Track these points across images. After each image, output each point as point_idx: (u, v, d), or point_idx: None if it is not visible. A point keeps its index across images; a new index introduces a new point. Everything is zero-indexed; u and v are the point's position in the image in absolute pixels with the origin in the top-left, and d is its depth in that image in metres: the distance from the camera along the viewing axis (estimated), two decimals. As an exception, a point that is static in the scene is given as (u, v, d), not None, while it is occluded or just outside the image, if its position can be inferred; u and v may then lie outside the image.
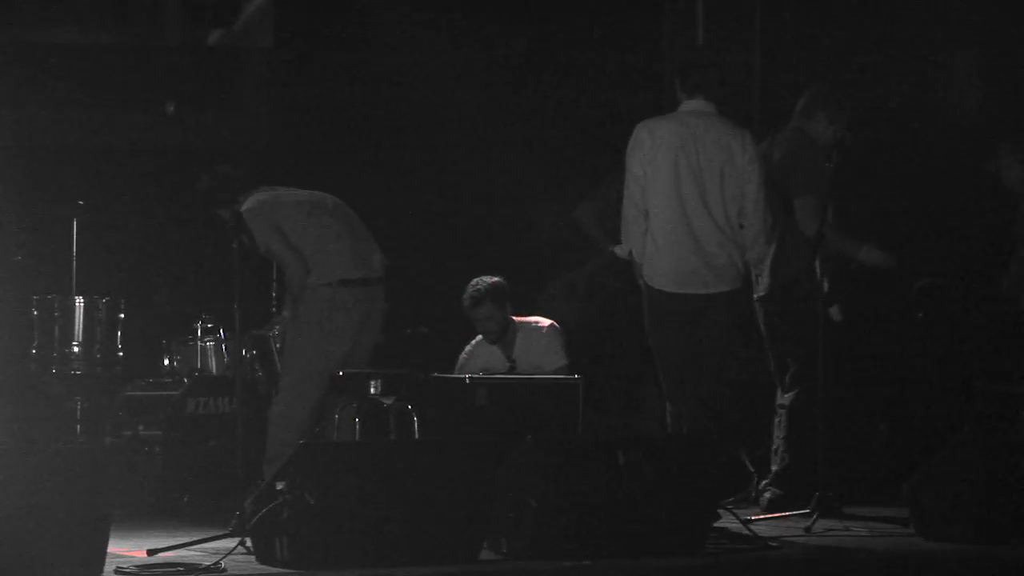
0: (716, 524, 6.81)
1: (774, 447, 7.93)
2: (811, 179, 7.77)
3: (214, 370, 8.76)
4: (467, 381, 8.26)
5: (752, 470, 8.21)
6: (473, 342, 9.00)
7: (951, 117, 10.39)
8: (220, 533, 6.41)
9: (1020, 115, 9.78)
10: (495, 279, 8.85)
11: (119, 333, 8.87)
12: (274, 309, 8.80)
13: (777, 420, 7.95)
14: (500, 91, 10.55)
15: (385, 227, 10.31)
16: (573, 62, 10.81)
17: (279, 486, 5.93)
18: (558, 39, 10.81)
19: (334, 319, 7.49)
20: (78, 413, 8.81)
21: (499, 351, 8.87)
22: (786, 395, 7.90)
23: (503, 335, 8.85)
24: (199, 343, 8.87)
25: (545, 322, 8.90)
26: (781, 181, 7.82)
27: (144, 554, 6.13)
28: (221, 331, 8.76)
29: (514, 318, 8.90)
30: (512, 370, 8.74)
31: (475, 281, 8.86)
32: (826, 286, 7.71)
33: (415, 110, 10.53)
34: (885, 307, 8.92)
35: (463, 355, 8.98)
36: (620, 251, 7.62)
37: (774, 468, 7.90)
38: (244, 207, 7.60)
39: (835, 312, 7.81)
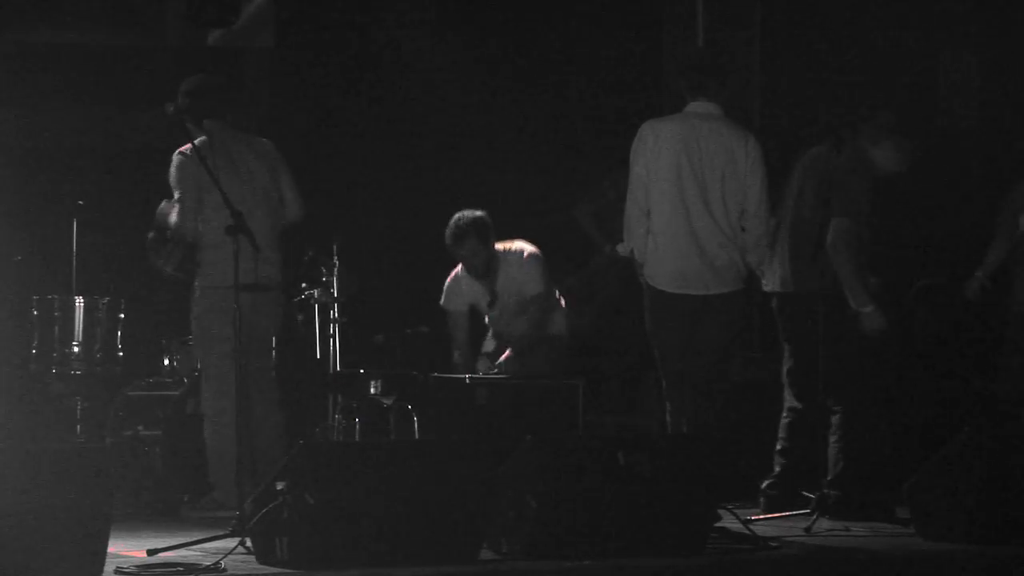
0: (716, 524, 6.80)
1: (778, 448, 7.90)
2: (855, 203, 7.62)
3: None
4: (467, 381, 8.23)
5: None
6: (456, 271, 8.86)
7: (950, 118, 10.40)
8: (220, 533, 6.40)
9: (1019, 116, 9.79)
10: (478, 213, 8.65)
11: (119, 333, 8.86)
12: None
13: (786, 422, 7.87)
14: (501, 91, 10.55)
15: (385, 226, 10.34)
16: (573, 62, 10.81)
17: (279, 486, 5.93)
18: (559, 39, 10.81)
19: (215, 321, 7.58)
20: (78, 413, 8.81)
21: (481, 285, 8.75)
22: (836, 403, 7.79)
23: (487, 270, 8.72)
24: (199, 343, 8.86)
25: (528, 249, 8.71)
26: (830, 194, 7.71)
27: (144, 554, 6.13)
28: None
29: (497, 246, 8.74)
30: (492, 304, 8.62)
31: (457, 216, 8.67)
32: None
33: (415, 110, 10.54)
34: (885, 307, 8.91)
35: (448, 283, 8.85)
36: (622, 249, 7.61)
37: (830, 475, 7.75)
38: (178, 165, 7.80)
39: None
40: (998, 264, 8.63)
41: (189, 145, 7.67)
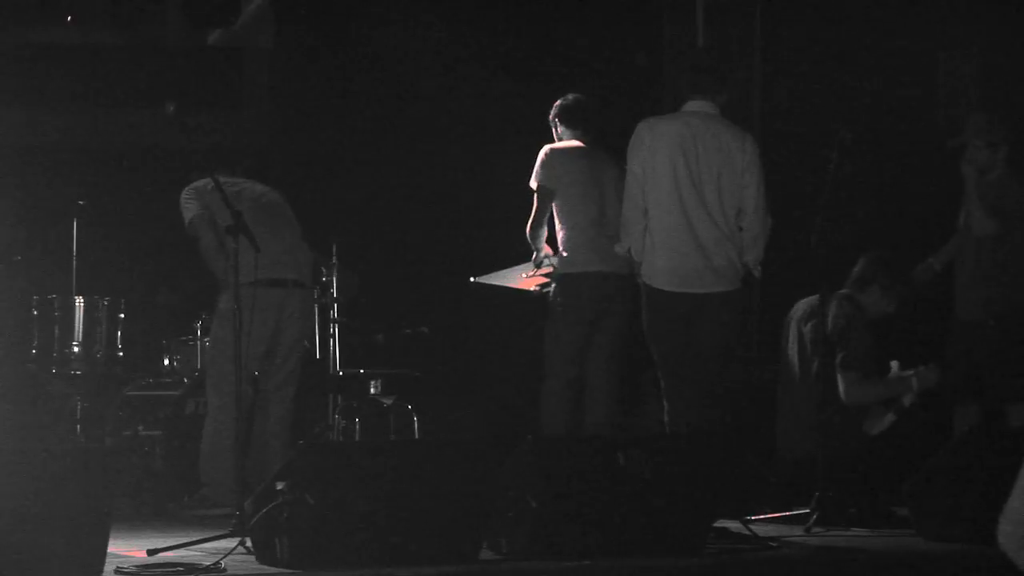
0: (716, 524, 6.80)
1: None
2: (858, 354, 7.86)
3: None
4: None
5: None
6: None
7: (949, 119, 10.39)
8: (220, 533, 6.40)
9: (1018, 117, 9.78)
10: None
11: (119, 333, 8.87)
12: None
13: None
14: (500, 91, 10.56)
15: (385, 227, 10.34)
16: (574, 63, 10.81)
17: (279, 486, 5.93)
18: (559, 39, 10.81)
19: (247, 317, 7.60)
20: (78, 413, 8.82)
21: None
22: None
23: None
24: (199, 343, 8.88)
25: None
26: (833, 347, 7.91)
27: (144, 554, 6.13)
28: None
29: None
30: None
31: None
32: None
33: (415, 110, 10.54)
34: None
35: None
36: (619, 248, 7.61)
37: None
38: (185, 192, 7.93)
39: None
40: (951, 257, 8.67)
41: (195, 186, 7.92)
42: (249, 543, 6.15)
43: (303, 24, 10.61)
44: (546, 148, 8.26)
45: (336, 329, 9.16)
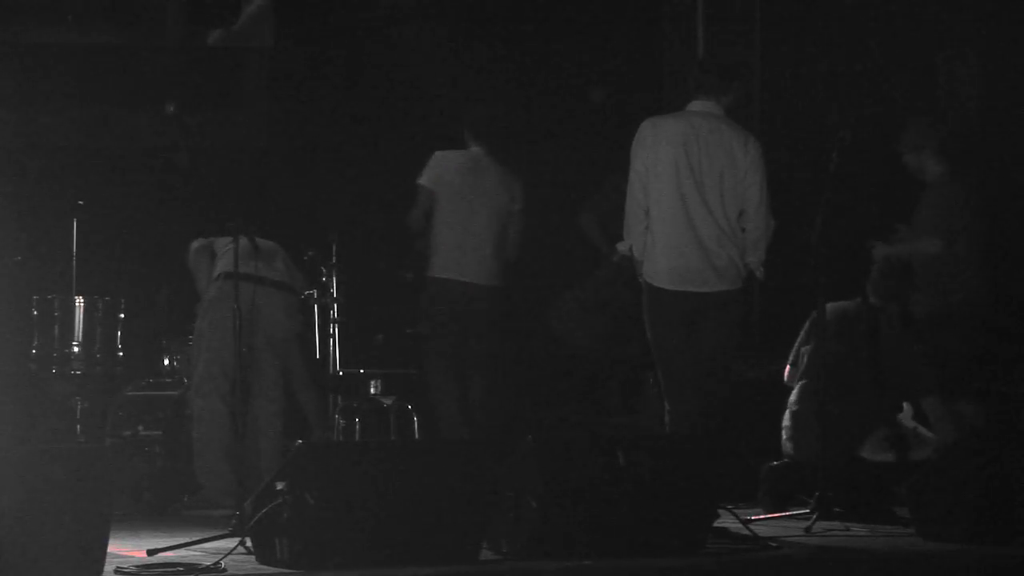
0: (716, 524, 6.80)
1: None
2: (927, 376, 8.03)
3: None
4: None
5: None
6: None
7: (950, 118, 10.39)
8: (220, 533, 6.40)
9: (1019, 116, 9.79)
10: None
11: (119, 333, 8.87)
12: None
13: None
14: (500, 91, 10.55)
15: (384, 228, 10.33)
16: (573, 63, 10.81)
17: (279, 486, 5.93)
18: (559, 40, 10.81)
19: (220, 309, 7.66)
20: (78, 413, 8.81)
21: None
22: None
23: None
24: (199, 343, 8.88)
25: None
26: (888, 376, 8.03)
27: (144, 554, 6.13)
28: None
29: None
30: None
31: None
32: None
33: (415, 111, 10.53)
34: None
35: None
36: (621, 247, 7.60)
37: None
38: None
39: None
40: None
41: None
42: (249, 543, 6.15)
43: (303, 24, 10.60)
44: (437, 153, 8.75)
45: (336, 329, 9.16)
